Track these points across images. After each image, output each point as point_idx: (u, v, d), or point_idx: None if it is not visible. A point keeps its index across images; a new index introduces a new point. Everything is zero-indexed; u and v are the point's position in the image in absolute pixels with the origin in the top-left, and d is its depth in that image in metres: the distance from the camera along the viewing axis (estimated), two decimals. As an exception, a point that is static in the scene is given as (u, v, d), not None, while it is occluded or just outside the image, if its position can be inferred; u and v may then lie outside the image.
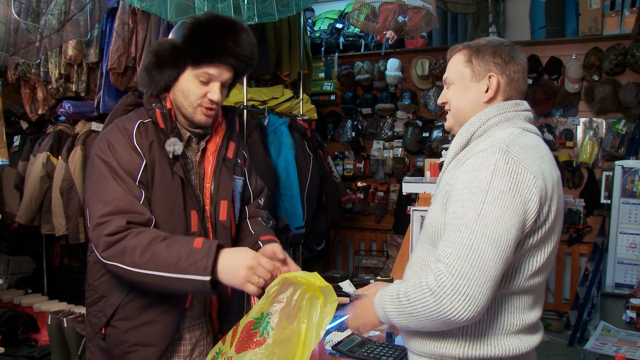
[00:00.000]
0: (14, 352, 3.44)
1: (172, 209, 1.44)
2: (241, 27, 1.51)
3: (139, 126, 1.46)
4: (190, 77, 1.46)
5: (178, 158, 1.47)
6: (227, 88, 1.54)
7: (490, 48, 1.30)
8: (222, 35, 1.45)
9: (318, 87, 5.33)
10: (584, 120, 4.48)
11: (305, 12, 4.93)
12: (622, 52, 4.24)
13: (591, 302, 3.78)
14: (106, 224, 1.33)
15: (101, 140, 1.45)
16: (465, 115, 1.32)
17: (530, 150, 1.19)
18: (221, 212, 1.54)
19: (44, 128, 3.92)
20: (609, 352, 2.44)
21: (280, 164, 3.70)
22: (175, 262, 1.28)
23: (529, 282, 1.21)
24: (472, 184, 1.14)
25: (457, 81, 1.34)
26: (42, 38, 2.59)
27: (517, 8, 4.73)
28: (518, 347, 1.21)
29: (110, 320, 1.46)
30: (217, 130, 1.60)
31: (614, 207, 3.58)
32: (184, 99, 1.48)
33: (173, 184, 1.45)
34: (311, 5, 5.25)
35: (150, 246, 1.29)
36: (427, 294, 1.12)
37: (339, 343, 1.69)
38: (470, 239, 1.10)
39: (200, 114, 1.48)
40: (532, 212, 1.13)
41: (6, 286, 4.06)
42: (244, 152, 1.73)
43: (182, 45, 1.44)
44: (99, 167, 1.40)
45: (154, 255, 1.29)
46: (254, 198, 1.75)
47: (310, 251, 4.79)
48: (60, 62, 3.46)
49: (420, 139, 4.93)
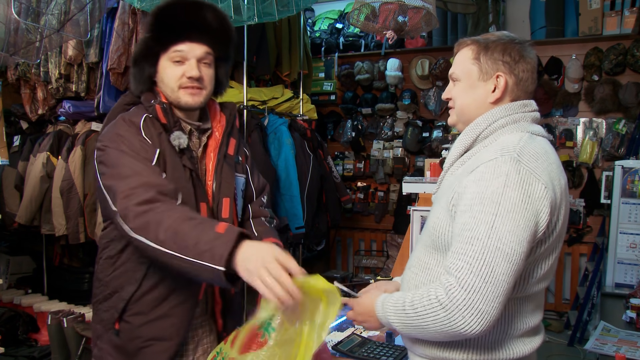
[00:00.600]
0: (14, 352, 3.44)
1: (184, 201, 1.39)
2: (205, 4, 1.49)
3: (146, 119, 1.45)
4: (164, 62, 1.46)
5: (184, 151, 1.46)
6: (210, 66, 1.50)
7: (500, 45, 1.24)
8: (184, 12, 1.45)
9: (318, 87, 5.33)
10: (584, 120, 4.48)
11: (305, 12, 4.93)
12: (622, 52, 4.24)
13: (591, 302, 3.78)
14: (135, 195, 1.28)
15: (109, 133, 1.43)
16: (470, 115, 1.28)
17: (541, 158, 1.16)
18: (223, 210, 1.51)
19: (44, 128, 3.92)
20: (609, 352, 2.43)
21: (280, 164, 3.70)
22: (194, 244, 1.19)
23: (535, 288, 1.20)
24: (483, 195, 1.11)
25: (464, 78, 1.28)
26: (42, 38, 2.59)
27: (517, 8, 4.73)
28: (522, 349, 1.21)
29: (123, 315, 1.44)
30: (217, 127, 1.58)
31: (614, 207, 3.58)
32: (165, 86, 1.47)
33: (184, 175, 1.44)
34: (311, 5, 5.25)
35: (176, 223, 1.23)
36: (438, 308, 1.10)
37: (339, 343, 1.69)
38: (483, 253, 1.08)
39: (184, 94, 1.46)
40: (543, 223, 1.12)
41: (6, 286, 4.06)
42: (245, 150, 1.71)
43: (149, 35, 1.47)
44: (113, 153, 1.37)
45: (177, 233, 1.22)
46: (257, 196, 1.73)
47: (310, 251, 4.79)
48: (60, 62, 3.46)
49: (420, 139, 4.93)
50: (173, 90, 1.46)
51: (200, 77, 1.46)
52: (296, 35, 4.20)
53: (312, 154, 4.00)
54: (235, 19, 2.49)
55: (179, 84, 1.45)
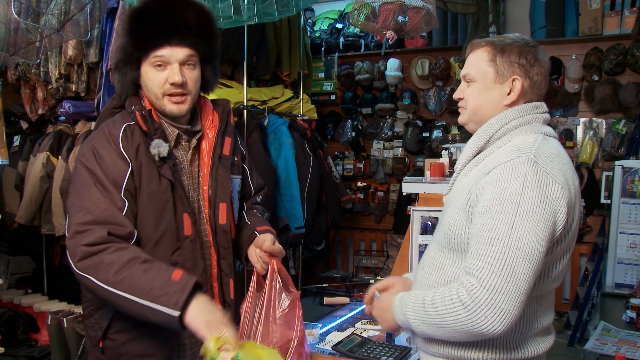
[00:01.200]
0: (14, 352, 3.44)
1: (161, 214, 1.38)
2: (183, 1, 1.42)
3: (125, 129, 1.40)
4: (147, 67, 1.40)
5: (165, 160, 1.39)
6: (195, 67, 1.43)
7: (516, 48, 1.25)
8: (162, 13, 1.38)
9: (318, 87, 5.34)
10: (584, 120, 4.48)
11: (305, 12, 4.94)
12: (622, 52, 4.24)
13: (591, 302, 3.78)
14: (86, 233, 1.27)
15: (86, 147, 1.39)
16: (484, 116, 1.29)
17: (555, 159, 1.17)
18: (220, 216, 1.48)
19: (44, 128, 3.92)
20: (609, 352, 2.44)
21: (280, 164, 3.70)
22: (149, 288, 1.22)
23: (550, 287, 1.22)
24: (502, 196, 1.12)
25: (479, 80, 1.28)
26: (42, 38, 2.59)
27: (517, 8, 4.72)
28: (537, 349, 1.22)
29: (107, 333, 1.42)
30: (210, 127, 1.51)
31: (614, 207, 3.58)
32: (149, 92, 1.42)
33: (160, 188, 1.39)
34: (311, 5, 5.25)
35: (127, 266, 1.24)
36: (460, 308, 1.10)
37: (339, 343, 1.69)
38: (504, 253, 1.08)
39: (168, 103, 1.41)
40: (560, 223, 1.13)
41: (6, 286, 4.06)
42: (241, 148, 1.67)
43: (127, 40, 1.40)
44: (82, 174, 1.35)
45: (129, 276, 1.23)
46: (254, 195, 1.72)
47: (310, 251, 4.79)
48: (60, 62, 3.46)
49: (420, 139, 4.93)
50: (157, 98, 1.41)
51: (183, 83, 1.39)
52: (296, 35, 4.20)
53: (312, 154, 4.00)
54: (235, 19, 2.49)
55: (162, 91, 1.40)
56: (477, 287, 1.09)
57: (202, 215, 1.48)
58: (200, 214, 1.48)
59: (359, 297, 2.21)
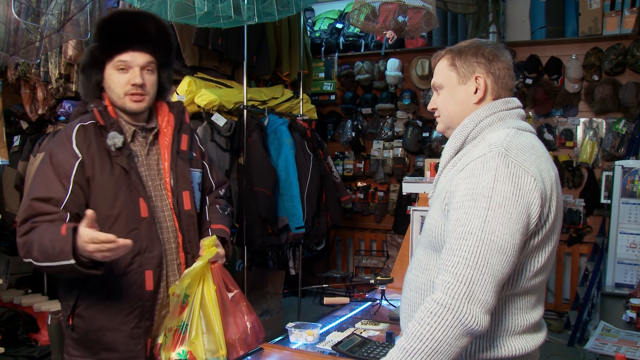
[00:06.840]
0: (14, 352, 3.44)
1: (114, 197, 1.57)
2: (146, 15, 1.67)
3: (79, 129, 1.60)
4: (110, 70, 1.61)
5: (122, 150, 1.59)
6: (153, 72, 1.65)
7: (472, 49, 1.30)
8: (127, 24, 1.61)
9: (318, 87, 5.34)
10: (584, 120, 4.48)
11: (305, 12, 4.94)
12: (622, 52, 4.24)
13: (591, 302, 3.78)
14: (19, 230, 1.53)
15: (45, 150, 1.61)
16: (457, 119, 1.32)
17: (528, 152, 1.18)
18: (185, 202, 1.68)
19: (44, 128, 3.91)
20: (609, 352, 2.44)
21: (280, 164, 3.70)
22: (51, 251, 1.40)
23: (532, 282, 1.21)
24: (474, 191, 1.13)
25: (446, 86, 1.33)
26: (42, 38, 2.59)
27: (517, 8, 4.72)
28: (524, 346, 1.22)
29: (75, 310, 1.58)
30: (166, 125, 1.72)
31: (614, 207, 3.58)
32: (112, 92, 1.62)
33: (113, 174, 1.58)
34: (311, 5, 5.25)
35: (40, 239, 1.44)
36: (442, 312, 1.08)
37: (339, 343, 1.69)
38: (478, 246, 1.09)
39: (129, 101, 1.61)
40: (534, 215, 1.14)
41: (6, 286, 4.06)
42: (200, 146, 1.86)
43: (95, 45, 1.61)
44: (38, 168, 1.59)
45: (40, 247, 1.43)
46: (216, 189, 1.90)
47: (310, 251, 4.80)
48: (60, 62, 3.45)
49: (420, 139, 4.93)
50: (119, 97, 1.61)
51: (143, 84, 1.61)
52: (296, 35, 4.20)
53: (312, 154, 4.00)
54: (235, 19, 2.49)
55: (124, 91, 1.60)
56: (453, 283, 1.09)
57: (166, 202, 1.67)
58: (163, 202, 1.67)
59: (359, 297, 2.21)
